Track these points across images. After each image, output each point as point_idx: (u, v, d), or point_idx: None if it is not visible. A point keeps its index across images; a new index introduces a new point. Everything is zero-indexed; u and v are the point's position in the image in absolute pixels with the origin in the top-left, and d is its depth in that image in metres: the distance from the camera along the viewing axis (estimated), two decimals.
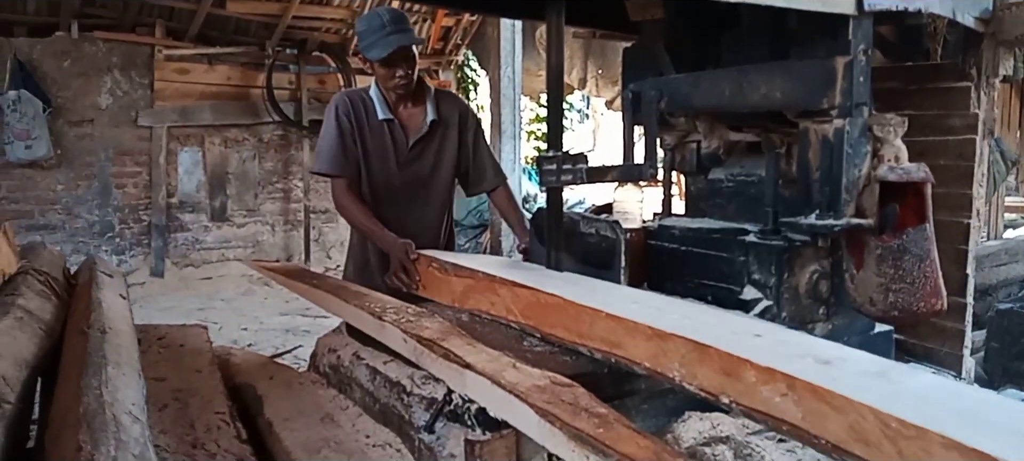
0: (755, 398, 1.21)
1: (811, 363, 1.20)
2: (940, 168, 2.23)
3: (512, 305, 1.85)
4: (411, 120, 2.70)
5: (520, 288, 1.83)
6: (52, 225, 7.00)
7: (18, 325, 1.72)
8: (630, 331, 1.50)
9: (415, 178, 2.71)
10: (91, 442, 1.14)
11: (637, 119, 2.29)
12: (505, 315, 1.88)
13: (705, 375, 1.32)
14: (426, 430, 1.57)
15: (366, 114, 2.66)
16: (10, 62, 6.54)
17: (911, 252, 1.98)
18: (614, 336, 1.54)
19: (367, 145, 2.65)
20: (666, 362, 1.40)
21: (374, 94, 2.67)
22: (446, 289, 2.17)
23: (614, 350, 1.54)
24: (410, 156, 2.69)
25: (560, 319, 1.70)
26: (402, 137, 2.68)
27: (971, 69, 2.69)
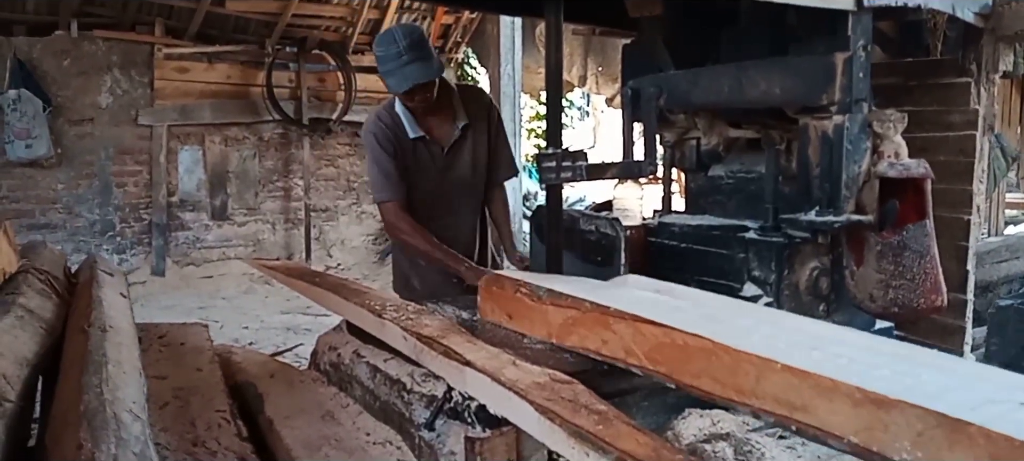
0: None
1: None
2: (940, 164, 2.23)
3: (634, 346, 1.46)
4: (441, 129, 2.70)
5: (645, 324, 1.44)
6: (53, 224, 7.00)
7: (19, 324, 1.72)
8: (824, 391, 1.09)
9: (457, 182, 2.74)
10: (92, 440, 1.14)
11: (636, 116, 2.29)
12: (624, 358, 1.50)
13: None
14: (426, 427, 1.58)
15: (398, 134, 2.66)
16: (10, 61, 6.54)
17: (911, 248, 1.99)
18: (797, 396, 1.13)
19: (407, 164, 2.67)
20: (888, 439, 1.00)
21: (400, 111, 2.67)
22: (541, 320, 1.78)
23: (796, 415, 1.14)
24: (447, 163, 2.71)
25: (706, 367, 1.30)
26: (437, 148, 2.70)
27: (971, 65, 2.69)
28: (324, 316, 4.88)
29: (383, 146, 2.63)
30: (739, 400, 1.24)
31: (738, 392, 1.24)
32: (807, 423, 1.12)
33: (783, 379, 1.14)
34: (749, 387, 1.21)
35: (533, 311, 1.81)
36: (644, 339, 1.44)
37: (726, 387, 1.26)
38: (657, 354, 1.41)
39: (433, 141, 2.69)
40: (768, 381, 1.17)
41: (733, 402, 1.26)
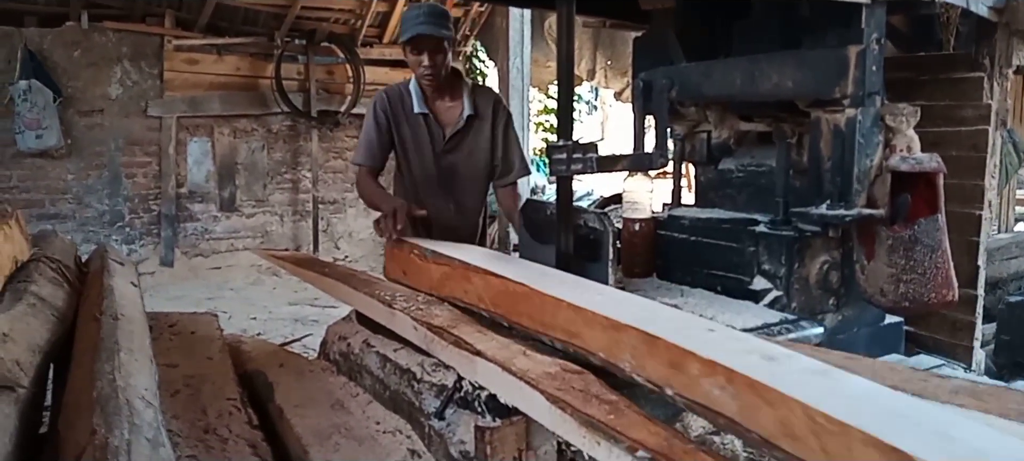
0: (697, 391, 1.21)
1: (756, 359, 1.20)
2: (952, 159, 2.22)
3: (483, 293, 1.85)
4: (447, 114, 2.75)
5: (492, 277, 1.83)
6: (62, 214, 7.03)
7: (31, 311, 1.73)
8: (588, 322, 1.50)
9: (452, 169, 2.77)
10: (105, 425, 1.15)
11: (648, 108, 2.29)
12: (477, 303, 1.87)
13: (653, 367, 1.32)
14: (436, 416, 1.58)
15: (403, 108, 2.74)
16: (21, 52, 6.56)
17: (923, 242, 1.98)
18: (573, 326, 1.54)
19: (404, 137, 2.75)
20: (619, 353, 1.41)
21: (412, 88, 2.74)
22: (425, 276, 2.16)
23: (573, 340, 1.54)
24: (447, 148, 2.75)
25: (526, 308, 1.70)
26: (438, 130, 2.75)
27: (984, 59, 2.67)
28: (331, 307, 4.89)
29: (377, 116, 2.74)
30: (543, 331, 1.63)
31: (543, 325, 1.63)
32: (578, 345, 1.52)
33: (567, 314, 1.56)
34: (549, 321, 1.61)
35: (421, 269, 2.17)
36: (490, 288, 1.83)
37: (535, 321, 1.66)
38: (498, 299, 1.80)
39: (436, 123, 2.75)
40: (559, 316, 1.58)
41: (540, 333, 1.64)
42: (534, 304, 1.67)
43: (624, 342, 1.40)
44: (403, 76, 8.66)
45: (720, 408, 1.16)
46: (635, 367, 1.37)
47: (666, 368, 1.29)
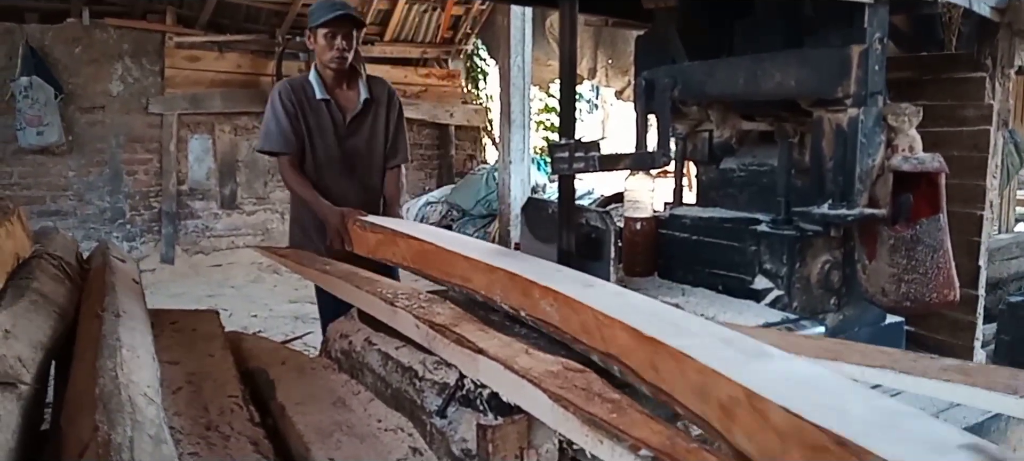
0: (538, 310, 1.69)
1: (579, 287, 1.65)
2: (953, 159, 2.22)
3: (406, 254, 2.31)
4: (347, 100, 2.97)
5: (412, 240, 2.28)
6: (63, 211, 7.04)
7: (33, 308, 1.73)
8: (474, 268, 1.95)
9: (354, 151, 2.98)
10: (108, 422, 1.15)
11: (650, 107, 2.29)
12: (402, 261, 2.36)
13: (514, 297, 1.78)
14: (438, 415, 1.58)
15: (305, 96, 2.93)
16: (22, 48, 6.56)
17: (924, 242, 1.98)
18: (466, 273, 1.98)
19: (309, 123, 2.92)
20: (493, 289, 1.86)
21: (313, 78, 2.94)
22: (364, 243, 2.60)
23: (466, 284, 1.99)
24: (348, 131, 2.96)
25: (435, 263, 2.13)
26: (339, 115, 2.95)
27: (986, 59, 2.67)
28: None
29: (285, 105, 2.89)
30: (448, 279, 2.08)
31: (447, 275, 2.08)
32: (469, 287, 1.96)
33: (462, 264, 2.00)
34: (450, 271, 2.05)
35: (360, 237, 2.62)
36: (410, 248, 2.27)
37: (442, 272, 2.10)
38: (416, 258, 2.24)
39: (337, 107, 2.95)
40: (456, 266, 2.02)
41: (443, 281, 2.11)
42: (441, 258, 2.11)
43: (496, 282, 1.85)
44: (404, 74, 8.70)
45: (549, 319, 1.65)
46: (503, 299, 1.82)
47: (521, 296, 1.75)
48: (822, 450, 0.92)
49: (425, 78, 8.72)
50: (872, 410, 0.99)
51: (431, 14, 8.47)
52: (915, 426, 0.95)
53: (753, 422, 1.04)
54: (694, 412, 1.18)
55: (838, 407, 0.99)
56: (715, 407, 1.12)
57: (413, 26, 8.50)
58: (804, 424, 0.95)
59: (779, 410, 0.99)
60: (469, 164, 9.09)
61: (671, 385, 1.24)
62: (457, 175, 8.82)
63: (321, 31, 2.82)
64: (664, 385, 1.26)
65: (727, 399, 1.09)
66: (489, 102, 9.58)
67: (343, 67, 2.89)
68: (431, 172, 9.08)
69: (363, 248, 2.60)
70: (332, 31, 2.82)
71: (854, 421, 0.94)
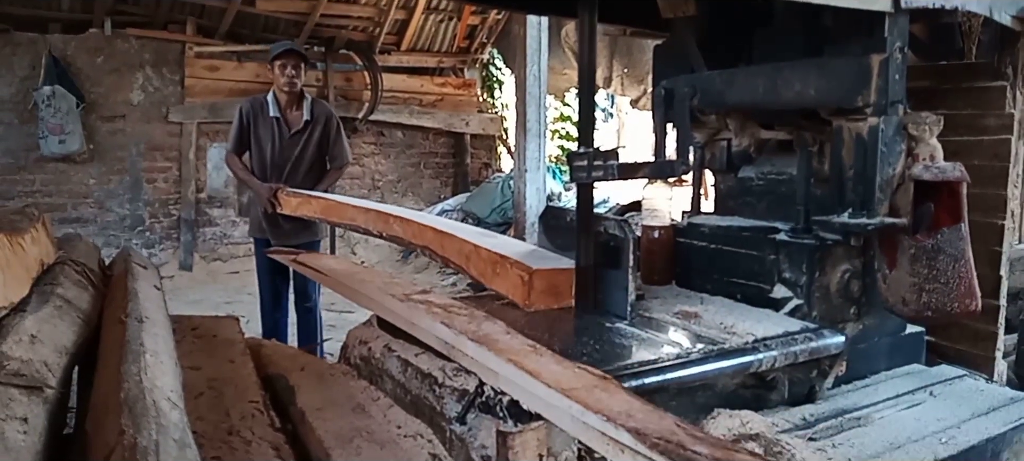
0: (391, 230, 2.94)
1: (414, 212, 2.83)
2: (974, 168, 2.20)
3: (317, 209, 3.58)
4: (293, 119, 4.03)
5: (322, 199, 3.61)
6: (84, 218, 7.11)
7: (57, 313, 1.75)
8: (357, 212, 3.20)
9: (290, 157, 4.00)
10: (133, 426, 1.16)
11: (669, 116, 2.29)
12: (314, 214, 3.64)
13: (378, 224, 3.03)
14: (458, 421, 1.59)
15: (261, 114, 4.01)
16: (45, 58, 6.66)
17: (946, 252, 1.96)
18: (353, 216, 3.20)
19: (259, 133, 4.01)
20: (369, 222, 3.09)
21: (270, 98, 4.02)
22: (288, 204, 3.82)
23: (353, 221, 3.25)
24: (289, 143, 4.01)
25: (335, 212, 3.41)
26: (285, 130, 4.01)
27: (1007, 68, 2.65)
28: (348, 312, 4.91)
29: (243, 118, 4.04)
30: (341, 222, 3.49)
31: (341, 218, 3.42)
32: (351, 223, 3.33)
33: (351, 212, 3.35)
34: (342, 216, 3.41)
35: (285, 201, 3.87)
36: (321, 204, 3.58)
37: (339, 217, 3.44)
38: (325, 211, 3.52)
39: (284, 123, 4.01)
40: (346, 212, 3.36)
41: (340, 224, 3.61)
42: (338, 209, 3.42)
43: (370, 219, 3.11)
44: (420, 83, 8.75)
45: (399, 234, 2.92)
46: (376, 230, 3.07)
47: (383, 224, 2.98)
48: (498, 262, 2.17)
49: (441, 87, 8.76)
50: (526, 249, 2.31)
51: (447, 24, 8.51)
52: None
53: (484, 265, 2.32)
54: (458, 264, 2.51)
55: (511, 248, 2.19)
56: (461, 257, 2.46)
57: (429, 36, 8.54)
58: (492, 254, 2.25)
59: (486, 251, 2.30)
60: (485, 172, 9.12)
61: (446, 252, 2.56)
62: (472, 183, 8.84)
63: (276, 63, 3.94)
64: (443, 253, 2.59)
65: (469, 251, 2.41)
66: (504, 111, 9.60)
67: (294, 91, 3.97)
68: (446, 180, 9.11)
69: (288, 208, 3.80)
70: (283, 62, 3.92)
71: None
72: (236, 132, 4.06)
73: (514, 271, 2.22)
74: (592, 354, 1.81)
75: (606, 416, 1.17)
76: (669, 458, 1.05)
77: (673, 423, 1.16)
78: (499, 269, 2.28)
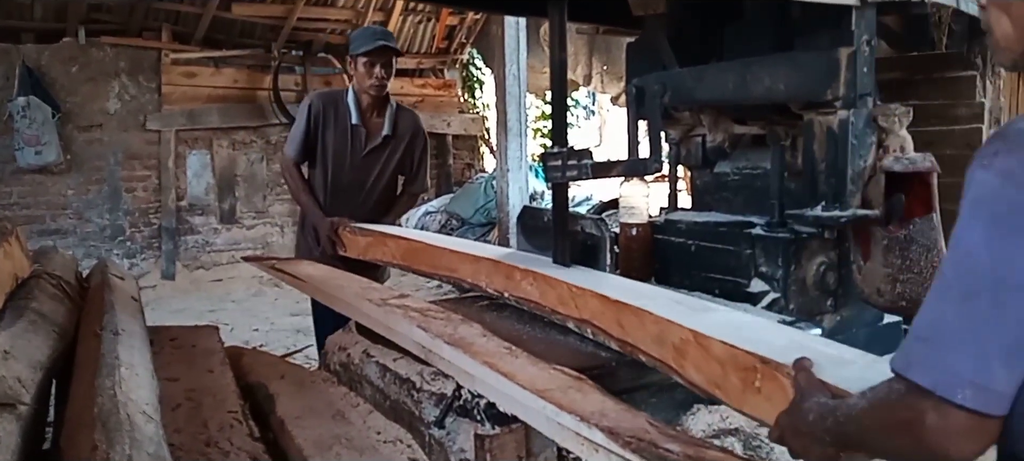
0: (519, 290, 2.04)
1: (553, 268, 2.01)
2: (946, 158, 2.22)
3: (395, 252, 2.60)
4: (373, 128, 3.08)
5: (401, 240, 2.64)
6: (63, 230, 7.05)
7: (32, 328, 1.74)
8: (461, 260, 2.28)
9: (361, 181, 3.08)
10: (106, 441, 1.16)
11: (641, 114, 2.30)
12: (391, 259, 2.67)
13: (497, 280, 2.11)
14: (436, 425, 1.59)
15: (335, 116, 3.05)
16: (19, 68, 6.58)
17: (918, 242, 1.98)
18: (452, 264, 2.29)
19: (328, 141, 3.06)
20: (479, 276, 2.17)
21: (350, 99, 3.05)
22: (355, 246, 2.89)
23: (452, 273, 2.31)
24: (365, 161, 3.07)
25: (424, 258, 2.43)
26: (361, 143, 3.06)
27: (977, 58, 2.69)
28: None
29: (309, 117, 3.05)
30: (434, 272, 2.45)
31: (434, 268, 2.43)
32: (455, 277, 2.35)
33: (449, 257, 2.37)
34: (438, 264, 2.39)
35: (351, 240, 2.89)
36: (400, 247, 2.62)
37: (430, 266, 2.43)
38: (405, 255, 2.57)
39: (363, 135, 3.06)
40: (443, 259, 2.38)
41: (431, 274, 2.50)
42: (429, 253, 2.44)
43: (481, 270, 2.17)
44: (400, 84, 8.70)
45: (530, 296, 1.97)
46: (488, 283, 2.12)
47: (504, 279, 2.08)
48: (751, 370, 1.22)
49: (421, 88, 8.74)
50: (790, 341, 1.30)
51: (426, 25, 8.50)
52: (821, 347, 1.26)
53: (700, 357, 1.34)
54: (653, 356, 1.49)
55: (764, 340, 1.28)
56: (670, 349, 1.43)
57: (408, 37, 8.52)
58: (737, 351, 1.26)
59: (719, 344, 1.30)
60: (467, 173, 9.11)
61: (634, 337, 1.56)
62: (455, 184, 8.83)
63: (361, 59, 2.94)
64: (628, 337, 1.58)
65: (679, 341, 1.40)
66: (486, 111, 9.59)
67: (382, 94, 3.02)
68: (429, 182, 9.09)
69: (354, 250, 2.86)
70: (371, 60, 2.93)
71: (775, 348, 1.23)
72: (301, 134, 3.06)
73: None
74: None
75: (579, 416, 1.18)
76: (641, 456, 1.06)
77: (646, 421, 1.17)
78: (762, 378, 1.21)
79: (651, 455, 1.04)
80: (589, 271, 1.97)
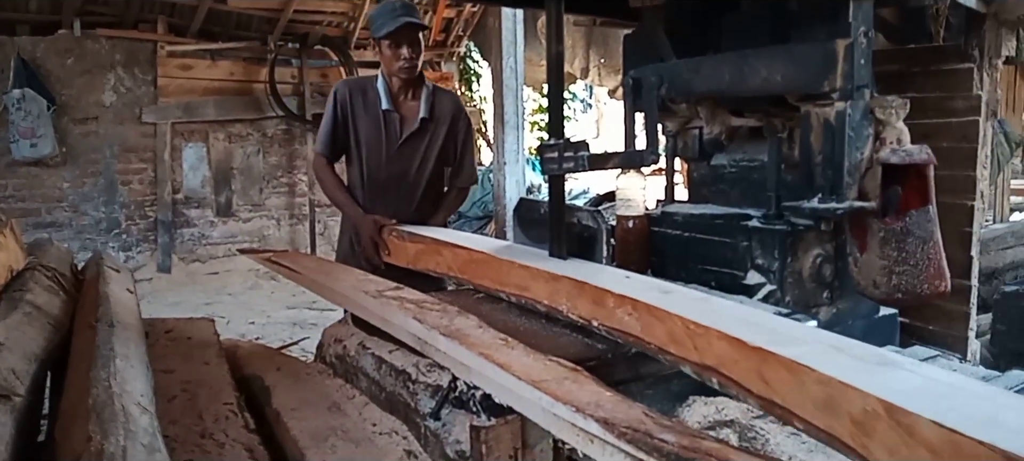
0: (614, 319, 1.59)
1: (655, 293, 1.58)
2: (943, 150, 2.23)
3: (452, 263, 2.22)
4: (408, 113, 2.82)
5: (458, 248, 2.21)
6: (59, 222, 7.04)
7: (27, 320, 1.74)
8: (534, 276, 1.88)
9: (401, 173, 2.82)
10: (101, 432, 1.15)
11: (638, 106, 2.29)
12: (447, 271, 2.26)
13: (582, 305, 1.69)
14: (432, 417, 1.59)
15: (364, 104, 2.80)
16: (14, 61, 6.57)
17: (914, 234, 1.98)
18: (523, 281, 1.91)
19: (360, 135, 2.81)
20: (558, 298, 1.78)
21: (380, 85, 2.79)
22: (403, 253, 2.52)
23: (523, 292, 1.91)
24: (402, 151, 2.81)
25: (486, 271, 2.06)
26: (396, 130, 2.80)
27: (974, 50, 2.68)
28: (330, 310, 4.90)
29: (336, 109, 2.82)
30: (500, 288, 2.00)
31: (499, 283, 2.00)
32: (527, 296, 1.89)
33: (518, 272, 1.94)
34: (504, 279, 1.98)
35: (399, 247, 2.54)
36: (457, 258, 2.21)
37: (494, 281, 2.02)
38: (463, 267, 2.17)
39: (397, 121, 2.81)
40: (512, 274, 1.95)
41: (499, 290, 2.01)
42: (492, 267, 2.05)
43: (561, 290, 1.77)
44: None
45: (628, 329, 1.54)
46: (570, 308, 1.73)
47: (591, 305, 1.66)
48: None
49: None
50: None
51: (423, 17, 8.48)
52: None
53: (897, 438, 0.96)
54: (818, 427, 1.10)
55: (990, 417, 0.93)
56: (846, 422, 1.04)
57: None
58: (962, 439, 0.87)
59: (930, 425, 0.91)
60: None
61: (787, 398, 1.15)
62: None
63: (384, 42, 2.71)
64: (778, 398, 1.18)
65: (861, 413, 1.01)
66: (483, 104, 9.59)
67: (413, 75, 2.78)
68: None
69: (402, 258, 2.50)
70: (396, 40, 2.70)
71: (1015, 433, 0.87)
72: (329, 126, 2.82)
73: None
74: None
75: (575, 407, 1.18)
76: (637, 447, 1.05)
77: (641, 412, 1.17)
78: None
79: (647, 446, 1.04)
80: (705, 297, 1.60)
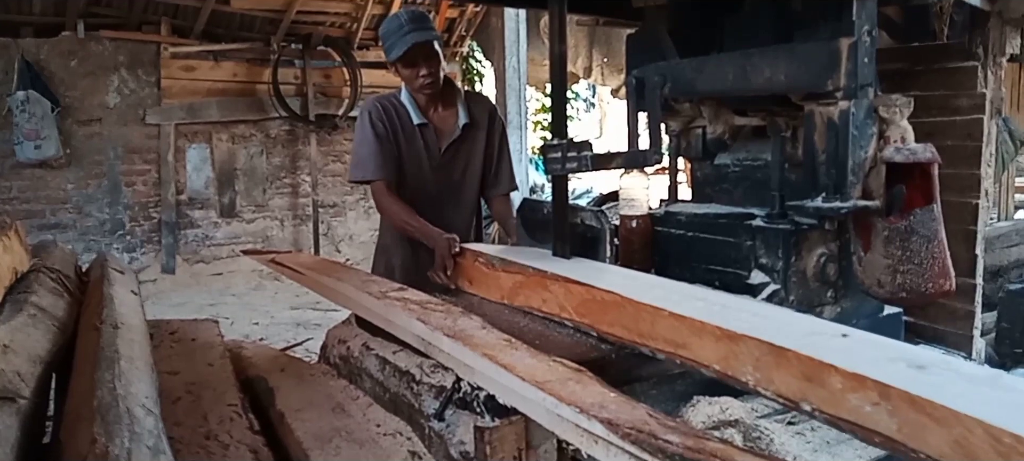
0: (842, 406, 1.10)
1: (904, 368, 1.09)
2: (947, 149, 2.22)
3: (566, 302, 1.77)
4: (444, 123, 2.72)
5: (574, 284, 1.75)
6: (63, 224, 7.06)
7: (31, 322, 1.74)
8: (697, 331, 1.39)
9: (448, 181, 2.73)
10: (106, 434, 1.15)
11: (641, 105, 2.29)
12: (558, 313, 1.82)
13: (783, 380, 1.21)
14: (436, 418, 1.59)
15: (399, 120, 2.68)
16: (18, 63, 6.59)
17: (919, 233, 1.98)
18: (679, 336, 1.43)
19: (401, 151, 2.67)
20: (738, 365, 1.30)
21: (405, 100, 2.69)
22: (494, 285, 2.11)
23: (679, 351, 1.44)
24: (443, 161, 2.72)
25: (618, 318, 1.60)
26: (435, 141, 2.70)
27: (978, 48, 2.68)
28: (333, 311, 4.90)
29: (376, 126, 2.64)
30: (641, 342, 1.54)
31: (640, 335, 1.54)
32: (686, 357, 1.43)
33: (670, 323, 1.46)
34: (647, 331, 1.52)
35: (488, 277, 2.15)
36: (572, 296, 1.76)
37: (631, 332, 1.57)
38: (583, 309, 1.73)
39: (433, 134, 2.70)
40: (659, 325, 1.49)
41: (636, 343, 1.56)
42: (628, 313, 1.57)
43: (744, 354, 1.29)
44: None
45: (875, 426, 1.05)
46: (760, 381, 1.26)
47: (800, 381, 1.18)
48: None
49: None
50: None
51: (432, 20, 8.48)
52: None
53: None
54: None
55: None
56: None
57: None
58: None
59: None
60: None
61: None
62: None
63: (398, 65, 2.60)
64: None
65: None
66: None
67: (437, 89, 2.65)
68: None
69: (495, 292, 2.11)
70: (409, 61, 2.57)
71: None
72: (373, 146, 2.61)
73: None
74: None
75: (579, 408, 1.18)
76: (641, 447, 1.05)
77: (645, 413, 1.16)
78: None
79: (651, 447, 1.04)
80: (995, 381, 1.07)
